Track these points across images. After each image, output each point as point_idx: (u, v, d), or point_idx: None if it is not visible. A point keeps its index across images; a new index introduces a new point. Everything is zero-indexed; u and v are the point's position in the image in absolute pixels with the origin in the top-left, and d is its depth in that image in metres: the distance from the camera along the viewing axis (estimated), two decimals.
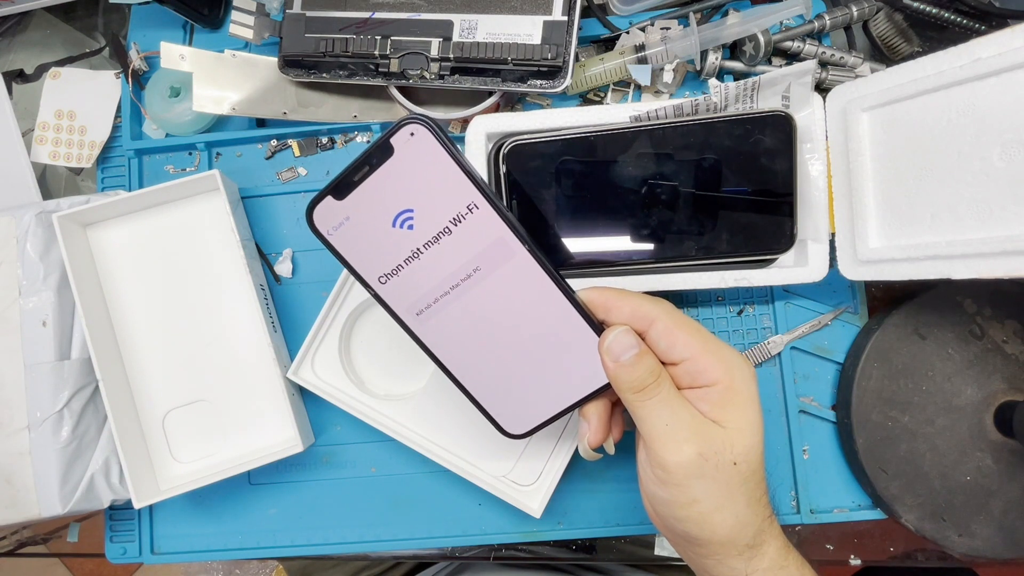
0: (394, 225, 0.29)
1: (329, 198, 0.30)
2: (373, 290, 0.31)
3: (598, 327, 0.30)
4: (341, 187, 0.29)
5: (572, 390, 0.32)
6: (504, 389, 0.33)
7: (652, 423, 0.28)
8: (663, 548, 0.45)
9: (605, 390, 0.31)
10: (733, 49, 0.44)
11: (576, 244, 0.39)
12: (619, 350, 0.29)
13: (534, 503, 0.39)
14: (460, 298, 0.31)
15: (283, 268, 0.45)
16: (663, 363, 0.29)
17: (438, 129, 0.28)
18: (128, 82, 0.47)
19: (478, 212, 0.29)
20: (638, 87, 0.45)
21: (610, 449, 0.32)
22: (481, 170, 0.39)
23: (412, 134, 0.28)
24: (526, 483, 0.40)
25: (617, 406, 0.33)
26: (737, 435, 0.28)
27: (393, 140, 0.28)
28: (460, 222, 0.29)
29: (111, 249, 0.44)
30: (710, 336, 0.29)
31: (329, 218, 0.30)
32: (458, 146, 0.29)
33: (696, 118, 0.38)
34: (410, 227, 0.29)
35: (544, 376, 0.32)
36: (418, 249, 0.30)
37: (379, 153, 0.28)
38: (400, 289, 0.31)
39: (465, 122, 0.42)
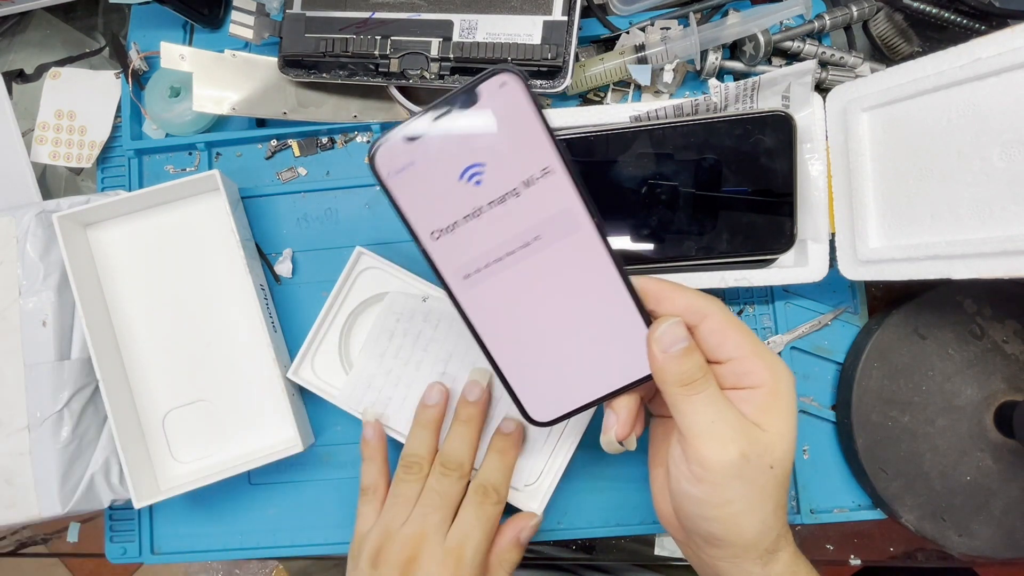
0: (461, 178, 0.28)
1: (397, 137, 0.28)
2: (423, 246, 0.29)
3: (648, 317, 0.29)
4: (411, 128, 0.27)
5: (609, 379, 0.31)
6: (538, 371, 0.31)
7: (695, 419, 0.28)
8: (663, 548, 0.45)
9: (643, 382, 0.30)
10: (733, 49, 0.44)
11: None
12: (670, 341, 0.28)
13: (534, 503, 0.39)
14: (513, 267, 0.29)
15: (283, 268, 0.45)
16: (708, 361, 0.29)
17: (529, 83, 0.27)
18: (128, 82, 0.47)
19: (551, 177, 0.27)
20: (638, 87, 0.45)
21: (631, 445, 0.32)
22: None
23: (503, 84, 0.27)
24: (525, 483, 0.40)
25: (643, 401, 0.33)
26: (778, 440, 0.28)
27: (481, 87, 0.27)
28: (531, 184, 0.27)
29: (111, 249, 0.44)
30: (758, 339, 0.29)
31: (393, 160, 0.28)
32: (544, 103, 0.27)
33: (696, 118, 0.38)
34: (477, 182, 0.28)
35: (583, 361, 0.30)
36: (481, 207, 0.28)
37: (464, 98, 0.27)
38: (452, 248, 0.29)
39: None
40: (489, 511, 0.36)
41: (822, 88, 0.43)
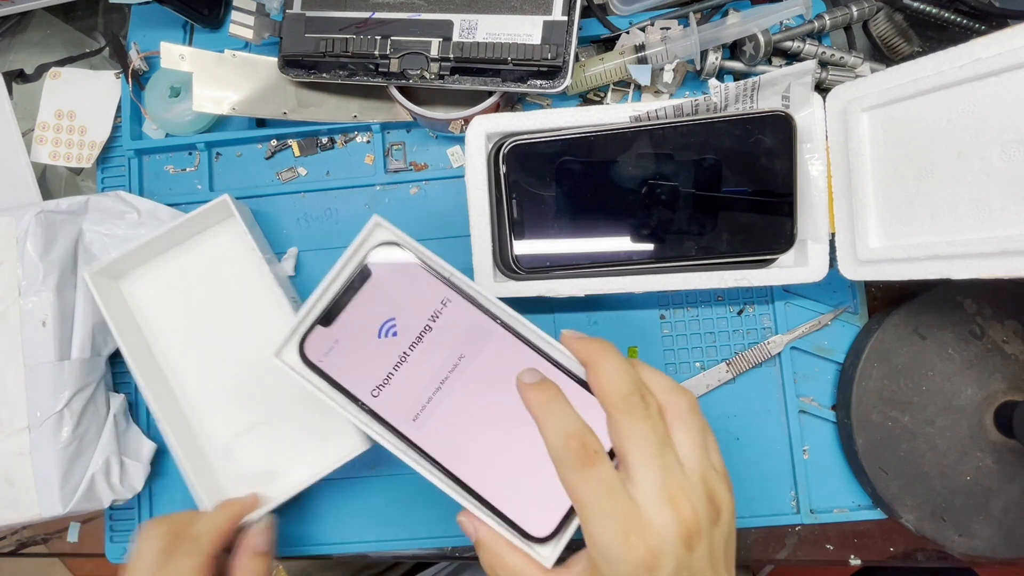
0: (380, 336, 0.32)
1: (318, 328, 0.32)
2: (368, 407, 0.31)
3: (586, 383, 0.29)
4: (328, 315, 0.32)
5: None
6: (517, 483, 0.31)
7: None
8: None
9: None
10: (733, 49, 0.44)
11: (576, 244, 0.39)
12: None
13: (546, 551, 0.31)
14: (452, 391, 0.31)
15: (287, 266, 0.45)
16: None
17: (405, 244, 0.32)
18: (128, 82, 0.47)
19: (451, 304, 0.31)
20: (638, 87, 0.45)
21: None
22: (481, 171, 0.39)
23: (384, 254, 0.32)
24: (538, 534, 0.31)
25: None
26: None
27: (368, 262, 0.32)
28: (438, 317, 0.31)
29: (142, 295, 0.44)
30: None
31: (320, 346, 0.32)
32: (425, 249, 0.32)
33: (696, 118, 0.38)
34: (395, 334, 0.32)
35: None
36: (404, 353, 0.32)
37: (359, 277, 0.32)
38: (393, 397, 0.32)
39: (465, 122, 0.42)
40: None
41: (822, 88, 0.43)
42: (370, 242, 0.32)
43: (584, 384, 0.30)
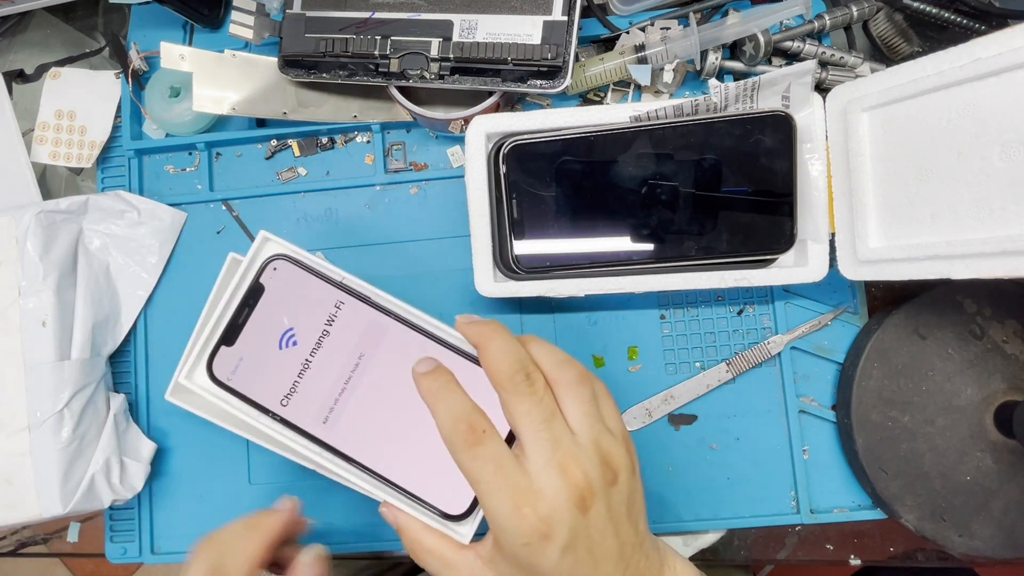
0: (281, 348, 0.33)
1: (222, 348, 0.33)
2: (279, 416, 0.33)
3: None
4: (229, 334, 0.33)
5: None
6: (427, 468, 0.32)
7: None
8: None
9: None
10: (733, 49, 0.44)
11: (576, 244, 0.39)
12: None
13: (464, 529, 0.32)
14: (356, 389, 0.33)
15: None
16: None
17: (294, 256, 0.34)
18: (128, 82, 0.47)
19: (345, 306, 0.33)
20: (638, 87, 0.45)
21: None
22: (481, 171, 0.39)
23: (275, 268, 0.34)
24: (455, 513, 0.32)
25: None
26: None
27: (262, 280, 0.33)
28: (333, 321, 0.33)
29: None
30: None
31: (227, 366, 0.33)
32: (315, 257, 0.33)
33: (696, 118, 0.38)
34: (295, 343, 0.33)
35: None
36: (307, 360, 0.33)
37: (253, 294, 0.33)
38: (302, 404, 0.33)
39: (465, 122, 0.42)
40: None
41: (822, 88, 0.43)
42: (260, 257, 0.34)
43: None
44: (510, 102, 0.45)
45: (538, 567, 0.28)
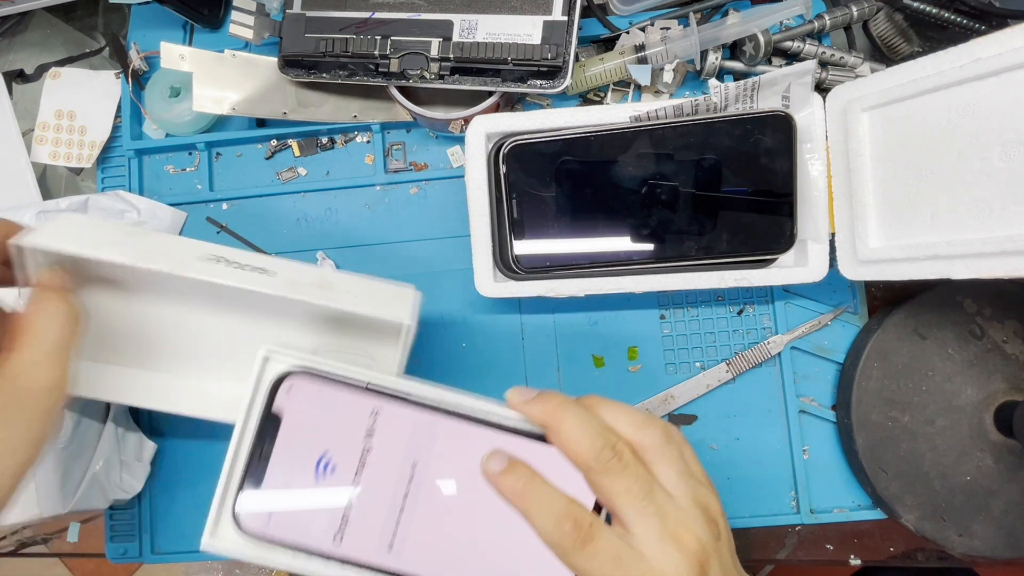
0: (318, 477, 0.28)
1: (244, 492, 0.28)
2: (336, 556, 0.27)
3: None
4: (252, 475, 0.28)
5: None
6: (513, 571, 0.28)
7: None
8: None
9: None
10: (733, 49, 0.44)
11: (576, 244, 0.39)
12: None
13: None
14: (418, 503, 0.28)
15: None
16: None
17: (309, 368, 0.28)
18: (128, 82, 0.47)
19: (383, 412, 0.28)
20: (638, 87, 0.45)
21: None
22: (481, 171, 0.39)
23: (291, 388, 0.28)
24: None
25: None
26: None
27: (275, 408, 0.28)
28: (374, 433, 0.28)
29: None
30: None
31: (258, 514, 0.27)
32: (332, 362, 0.28)
33: (696, 118, 0.38)
34: (333, 469, 0.28)
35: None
36: (352, 484, 0.28)
37: (271, 425, 0.28)
38: (359, 535, 0.28)
39: (465, 122, 0.42)
40: None
41: (822, 88, 0.43)
42: (266, 381, 0.28)
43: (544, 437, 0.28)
44: (510, 102, 0.45)
45: None
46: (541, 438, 0.28)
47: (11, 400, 0.26)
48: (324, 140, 0.47)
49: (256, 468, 0.28)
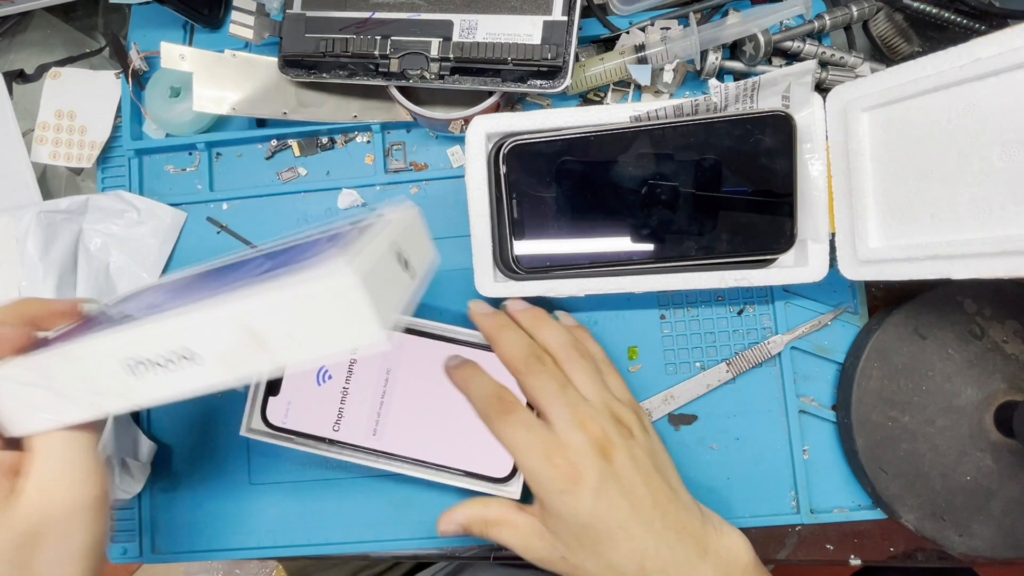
0: (319, 384, 0.40)
1: (270, 399, 0.40)
2: (335, 440, 0.40)
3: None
4: (272, 386, 0.40)
5: None
6: (468, 447, 0.39)
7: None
8: None
9: None
10: (733, 49, 0.44)
11: (576, 244, 0.39)
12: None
13: (512, 488, 0.40)
14: (392, 399, 0.40)
15: None
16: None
17: None
18: (128, 82, 0.47)
19: None
20: (638, 87, 0.45)
21: None
22: (481, 171, 0.39)
23: None
24: (500, 476, 0.40)
25: None
26: None
27: None
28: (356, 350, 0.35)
29: None
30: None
31: (278, 412, 0.40)
32: None
33: (696, 118, 0.38)
34: (329, 377, 0.40)
35: None
36: (344, 388, 0.40)
37: None
38: (351, 425, 0.40)
39: (465, 122, 0.42)
40: None
41: (822, 88, 0.43)
42: None
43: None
44: (510, 102, 0.45)
45: (577, 513, 0.31)
46: (487, 348, 0.39)
47: (40, 528, 0.25)
48: (324, 140, 0.47)
49: (275, 381, 0.40)
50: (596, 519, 0.31)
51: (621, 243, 0.39)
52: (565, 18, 0.39)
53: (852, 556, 0.43)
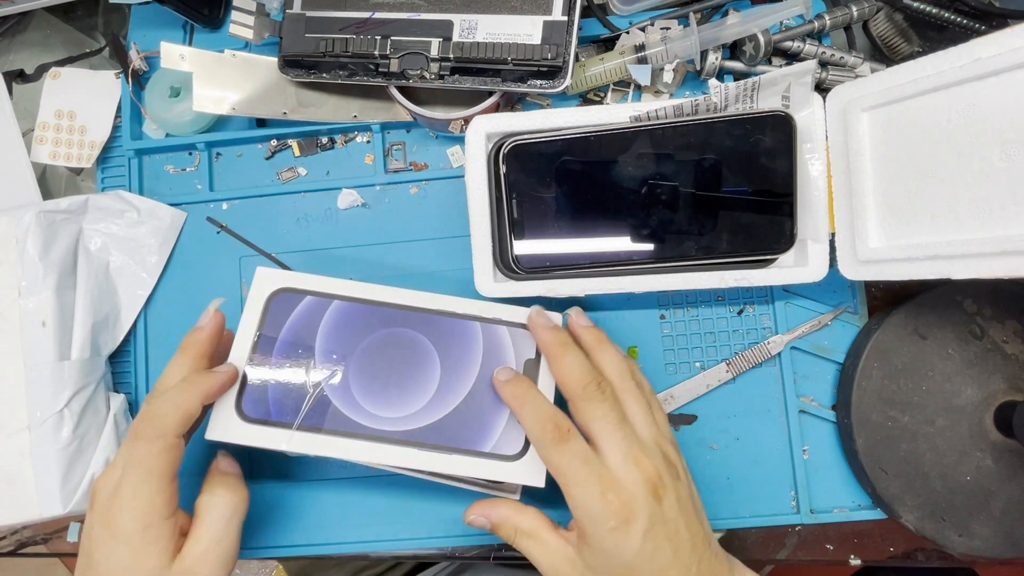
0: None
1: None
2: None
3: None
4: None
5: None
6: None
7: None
8: None
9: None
10: (733, 49, 0.44)
11: (576, 244, 0.39)
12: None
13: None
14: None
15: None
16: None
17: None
18: (128, 82, 0.47)
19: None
20: (638, 87, 0.45)
21: None
22: (481, 171, 0.39)
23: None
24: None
25: None
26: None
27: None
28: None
29: None
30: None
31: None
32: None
33: (696, 118, 0.38)
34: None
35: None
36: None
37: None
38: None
39: (465, 122, 0.42)
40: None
41: (822, 88, 0.43)
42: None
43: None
44: (510, 102, 0.45)
45: (623, 552, 0.31)
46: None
47: None
48: (324, 140, 0.47)
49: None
50: (641, 560, 0.30)
51: (621, 243, 0.39)
52: (565, 18, 0.39)
53: (852, 556, 0.43)
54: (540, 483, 0.36)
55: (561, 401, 0.35)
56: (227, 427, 0.35)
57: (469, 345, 0.37)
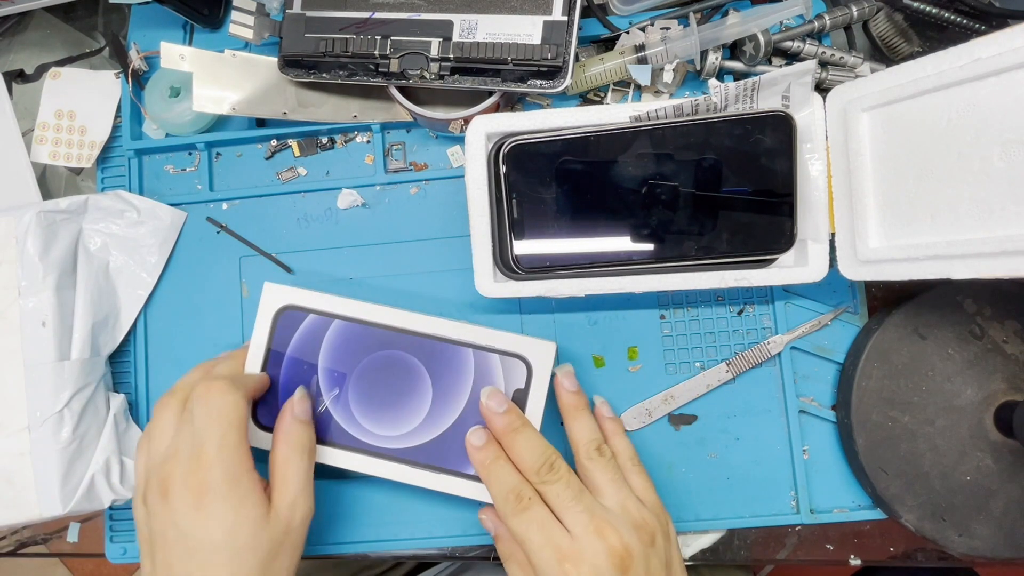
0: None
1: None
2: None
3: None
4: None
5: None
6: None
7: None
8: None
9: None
10: (733, 49, 0.44)
11: (576, 244, 0.39)
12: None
13: None
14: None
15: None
16: None
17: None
18: (128, 82, 0.47)
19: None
20: (638, 87, 0.45)
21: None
22: (481, 171, 0.39)
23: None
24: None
25: None
26: None
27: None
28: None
29: None
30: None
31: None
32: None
33: (696, 118, 0.38)
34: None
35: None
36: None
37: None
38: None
39: (465, 122, 0.42)
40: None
41: (822, 88, 0.43)
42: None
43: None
44: (510, 102, 0.45)
45: None
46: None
47: (284, 537, 0.34)
48: (324, 140, 0.47)
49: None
50: None
51: (621, 243, 0.39)
52: (565, 18, 0.39)
53: (852, 556, 0.43)
54: None
55: (554, 426, 0.37)
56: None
57: (461, 372, 0.39)
